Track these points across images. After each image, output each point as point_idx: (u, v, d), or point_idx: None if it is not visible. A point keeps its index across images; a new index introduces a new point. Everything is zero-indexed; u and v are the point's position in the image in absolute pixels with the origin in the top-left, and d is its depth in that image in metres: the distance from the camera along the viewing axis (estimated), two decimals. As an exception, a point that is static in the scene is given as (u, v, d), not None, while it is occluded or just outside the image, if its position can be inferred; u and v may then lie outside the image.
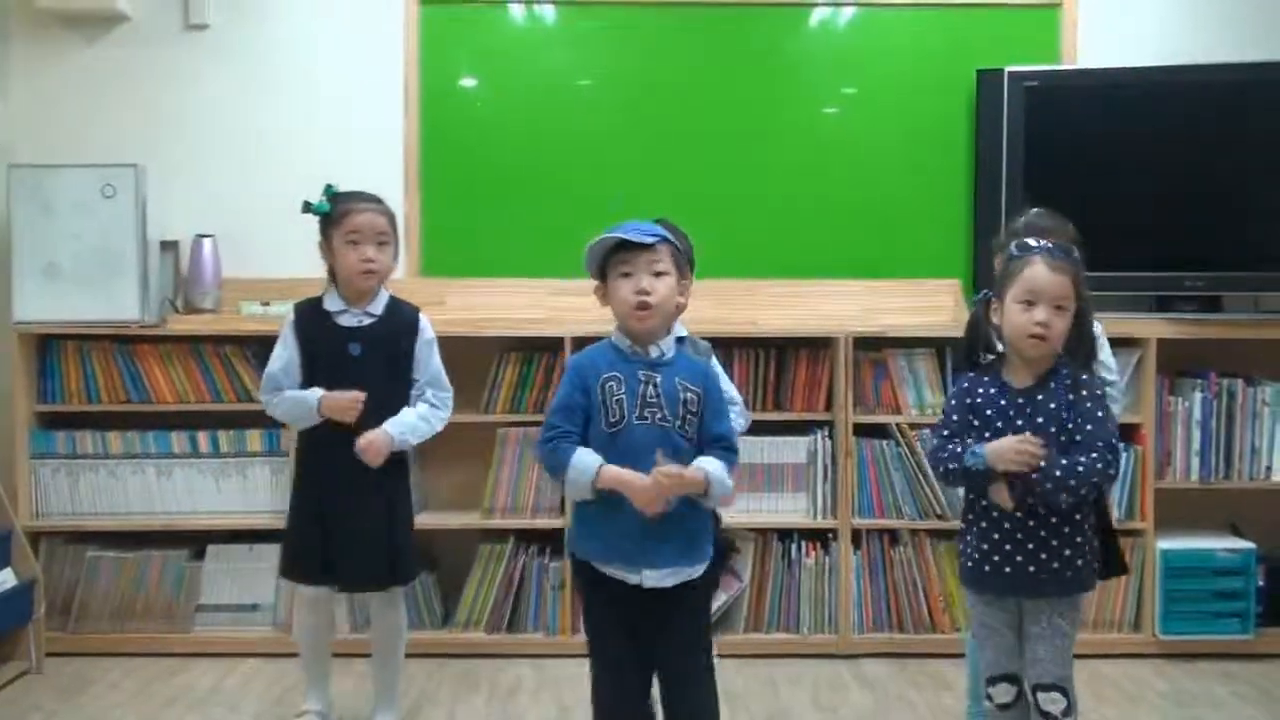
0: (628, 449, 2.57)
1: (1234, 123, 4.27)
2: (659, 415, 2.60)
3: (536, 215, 4.41)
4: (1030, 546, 2.67)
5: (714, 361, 3.21)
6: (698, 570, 2.67)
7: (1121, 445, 2.72)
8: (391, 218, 3.30)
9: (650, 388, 2.61)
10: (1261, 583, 4.13)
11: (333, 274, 3.28)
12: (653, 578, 2.60)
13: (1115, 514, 3.85)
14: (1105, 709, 3.60)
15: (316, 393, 3.18)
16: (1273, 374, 4.20)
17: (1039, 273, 2.64)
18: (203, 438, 4.14)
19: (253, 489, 4.13)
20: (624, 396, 2.60)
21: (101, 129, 4.38)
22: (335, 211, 3.23)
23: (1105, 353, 3.14)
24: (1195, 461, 4.16)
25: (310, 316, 3.26)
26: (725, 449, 2.66)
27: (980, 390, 2.75)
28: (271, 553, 4.10)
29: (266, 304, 4.20)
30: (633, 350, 2.65)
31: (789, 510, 4.16)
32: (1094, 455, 2.61)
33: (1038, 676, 2.71)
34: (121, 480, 4.13)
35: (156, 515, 4.13)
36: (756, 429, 4.03)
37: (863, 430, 4.14)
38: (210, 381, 4.14)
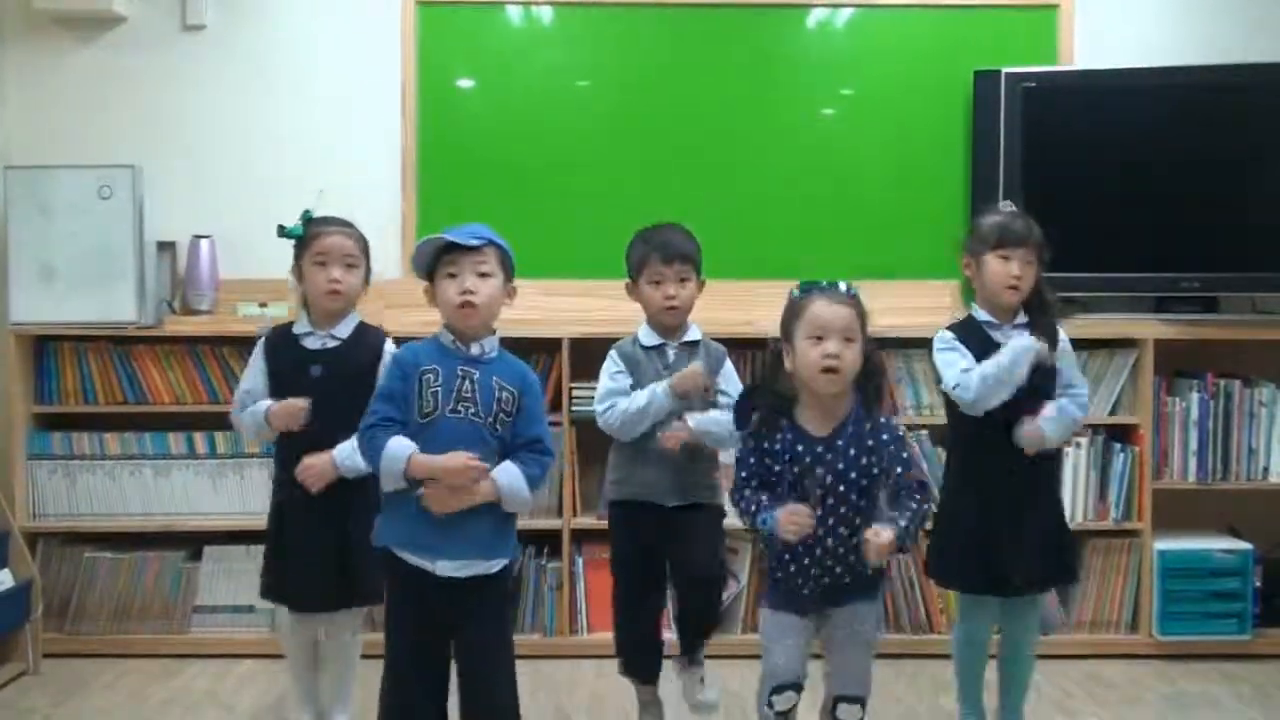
0: (436, 440, 2.63)
1: (1231, 124, 4.28)
2: (471, 410, 2.67)
3: (533, 216, 4.41)
4: (828, 562, 2.72)
5: (728, 365, 3.29)
6: (495, 565, 2.70)
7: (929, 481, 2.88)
8: (362, 242, 3.31)
9: (467, 383, 2.68)
10: (1259, 583, 4.13)
11: (305, 299, 3.30)
12: (447, 568, 2.64)
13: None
14: (1103, 710, 3.61)
15: (265, 404, 3.19)
16: (1270, 375, 4.20)
17: (822, 308, 2.70)
18: (200, 439, 4.14)
19: (250, 490, 4.13)
20: (439, 388, 2.67)
21: (98, 130, 4.38)
22: (306, 235, 3.26)
23: (1068, 359, 3.18)
24: (1192, 462, 4.16)
25: (279, 339, 3.29)
26: (536, 452, 2.72)
27: (777, 439, 2.75)
28: (268, 554, 4.12)
29: (264, 305, 4.21)
30: (454, 345, 2.72)
31: (786, 511, 4.16)
32: (917, 499, 2.69)
33: (842, 687, 2.77)
34: (118, 481, 4.13)
35: (153, 516, 4.14)
36: (753, 430, 4.04)
37: (860, 431, 4.14)
38: (207, 383, 4.14)
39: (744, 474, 2.78)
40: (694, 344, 3.30)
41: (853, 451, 2.70)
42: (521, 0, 4.44)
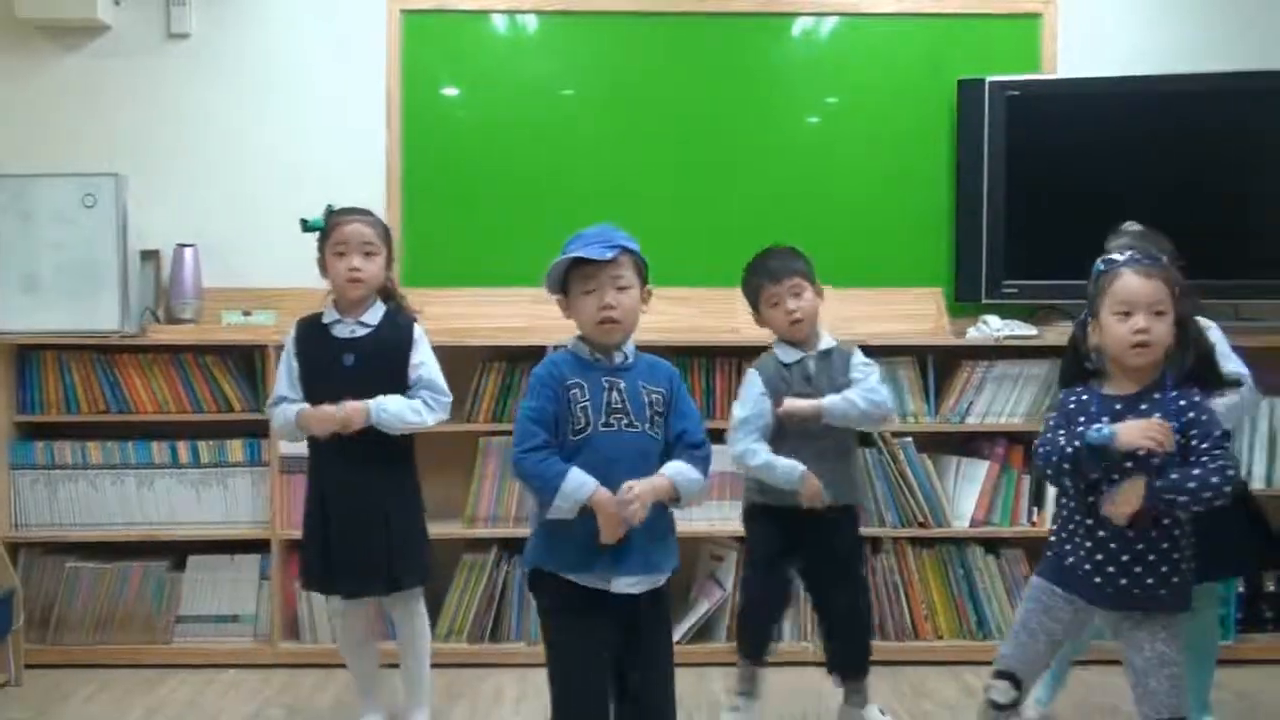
0: (592, 457, 2.56)
1: (1213, 131, 4.30)
2: (625, 421, 2.58)
3: (518, 224, 4.41)
4: (1125, 558, 2.59)
5: (857, 354, 3.39)
6: (663, 577, 2.64)
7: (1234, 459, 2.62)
8: (382, 229, 3.33)
9: (614, 394, 2.60)
10: (1241, 589, 4.15)
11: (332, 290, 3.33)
12: (623, 584, 2.56)
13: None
14: (1088, 716, 3.61)
15: (296, 407, 3.21)
16: (1255, 382, 4.21)
17: (1130, 281, 2.61)
18: (183, 448, 4.12)
19: (234, 499, 4.11)
20: (588, 404, 2.58)
21: (82, 138, 4.37)
22: (326, 226, 3.29)
23: (1228, 355, 3.17)
24: (1176, 469, 4.16)
25: (308, 330, 3.31)
26: (690, 446, 2.64)
27: (1073, 401, 2.69)
28: (252, 563, 4.11)
29: (248, 314, 4.20)
30: (594, 357, 2.64)
31: (771, 519, 4.16)
32: (1212, 468, 2.51)
33: (1155, 712, 2.61)
34: (101, 491, 4.11)
35: (137, 526, 4.12)
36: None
37: (844, 438, 4.14)
38: (191, 392, 4.12)
39: (1053, 428, 2.66)
40: (828, 353, 3.37)
41: (1156, 416, 2.55)
42: (506, 9, 4.45)
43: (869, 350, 4.17)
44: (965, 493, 4.16)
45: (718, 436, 3.97)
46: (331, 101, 4.44)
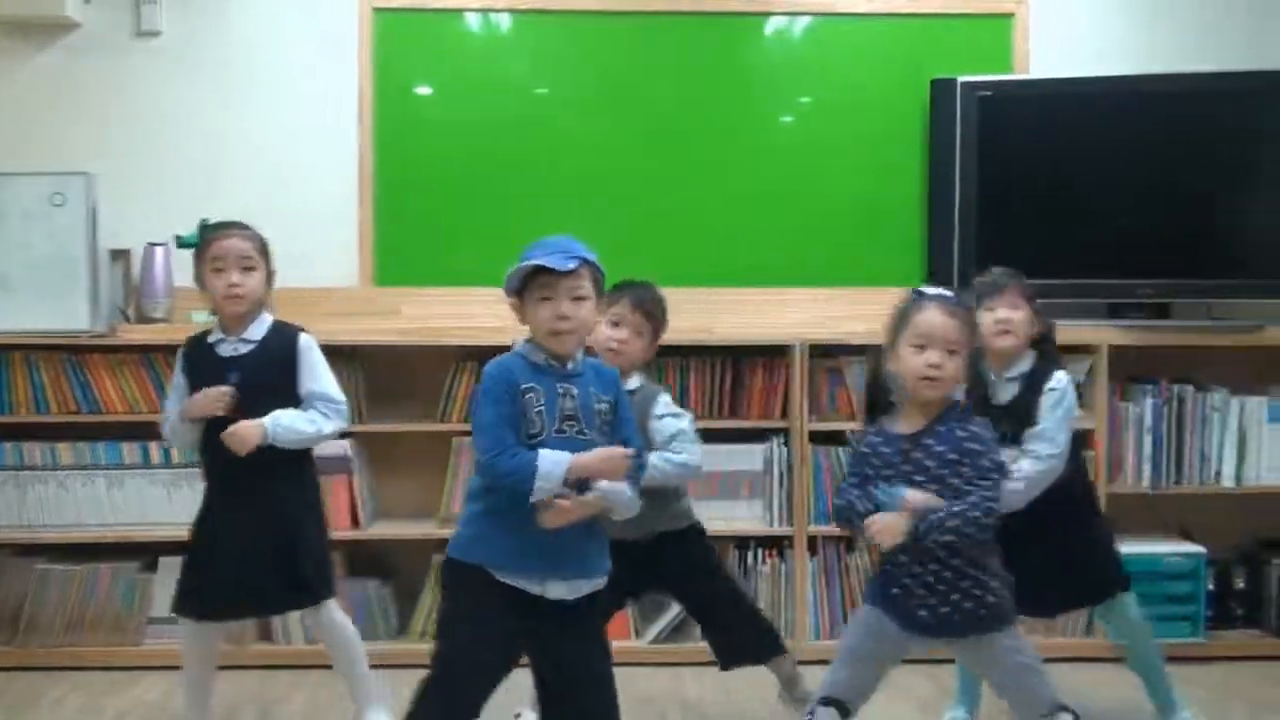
0: None
1: (1184, 132, 4.33)
2: (576, 428, 2.58)
3: (492, 224, 4.40)
4: (941, 588, 2.67)
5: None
6: (600, 583, 2.64)
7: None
8: (260, 243, 3.26)
9: (568, 400, 2.59)
10: (1211, 586, 4.19)
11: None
12: (559, 590, 2.56)
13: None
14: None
15: (177, 408, 3.20)
16: (1222, 380, 4.25)
17: (931, 317, 2.68)
18: (154, 449, 4.10)
19: (205, 500, 4.09)
20: (543, 409, 2.56)
21: (51, 136, 4.34)
22: (201, 241, 3.24)
23: (1049, 420, 3.17)
24: (1146, 467, 4.20)
25: (194, 349, 3.26)
26: (635, 458, 2.63)
27: (866, 446, 2.76)
28: (224, 564, 4.08)
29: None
30: (547, 363, 2.62)
31: (745, 518, 4.17)
32: (973, 502, 2.60)
33: (1038, 710, 2.72)
34: (71, 491, 4.08)
35: (107, 527, 4.09)
36: (712, 437, 4.04)
37: (818, 438, 4.16)
38: (162, 392, 4.06)
39: (847, 477, 2.78)
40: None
41: (940, 448, 2.65)
42: (480, 8, 4.43)
43: (842, 350, 4.21)
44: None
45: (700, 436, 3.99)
46: (303, 100, 4.42)
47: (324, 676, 3.83)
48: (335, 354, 3.83)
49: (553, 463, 2.49)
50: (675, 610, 4.09)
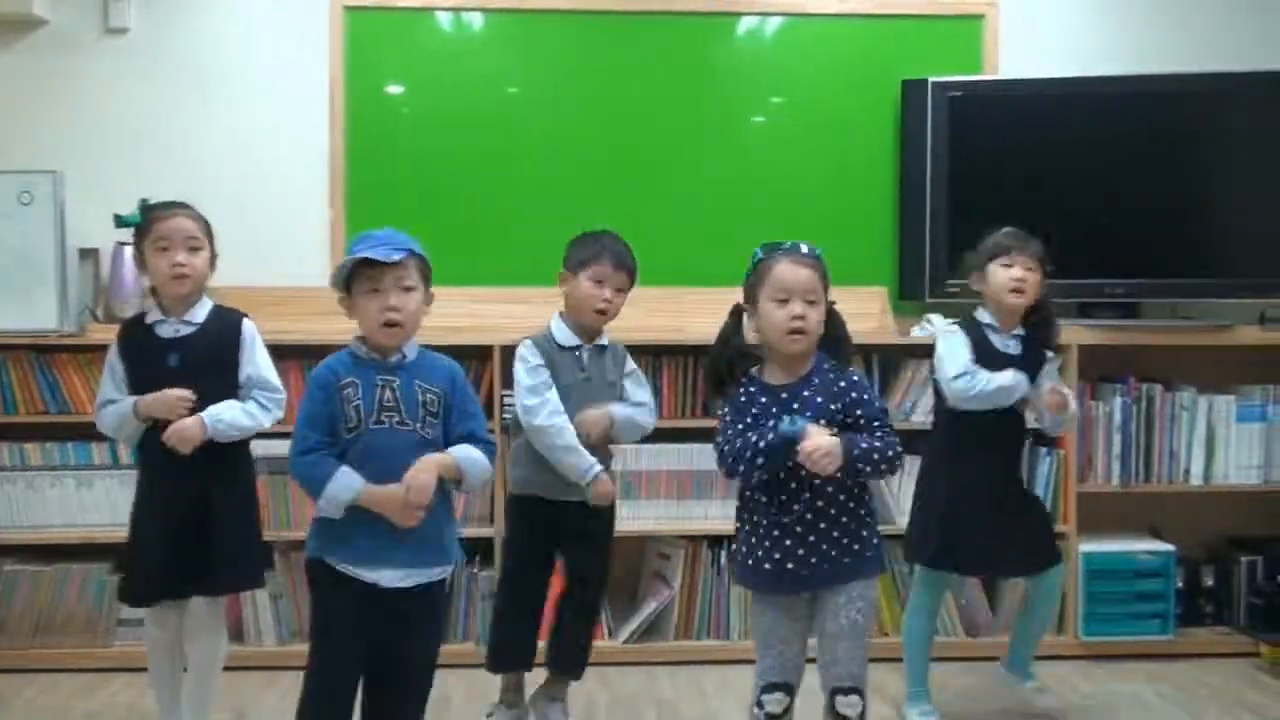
0: (365, 454, 2.61)
1: (1153, 132, 4.36)
2: (396, 419, 2.63)
3: (463, 223, 4.40)
4: (812, 538, 2.69)
5: (630, 363, 3.42)
6: (438, 573, 2.70)
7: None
8: (203, 223, 3.21)
9: (388, 391, 2.64)
10: (1180, 584, 4.22)
11: (154, 288, 3.21)
12: (393, 579, 2.63)
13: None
14: (1029, 710, 3.64)
15: (131, 399, 3.10)
16: (1190, 379, 4.28)
17: (786, 269, 2.73)
18: (123, 449, 4.06)
19: (175, 500, 4.06)
20: (360, 401, 2.62)
21: (18, 135, 4.31)
22: (145, 221, 3.17)
23: (944, 358, 3.40)
24: (1116, 465, 4.23)
25: (132, 332, 3.19)
26: (485, 441, 2.71)
27: (743, 395, 2.77)
28: (195, 565, 4.06)
29: (189, 312, 4.14)
30: (369, 356, 2.67)
31: (718, 517, 4.16)
32: (883, 434, 2.68)
33: (837, 680, 2.73)
34: (40, 492, 4.05)
35: (76, 528, 4.06)
36: (684, 436, 4.06)
37: (790, 437, 4.16)
38: (132, 391, 4.06)
39: (731, 423, 2.75)
40: (604, 348, 3.37)
41: (819, 399, 2.69)
42: (451, 6, 4.42)
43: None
44: (910, 489, 4.17)
45: (664, 436, 4.00)
46: (274, 98, 4.41)
47: (296, 677, 3.80)
48: (305, 354, 3.83)
49: (342, 487, 2.58)
50: (650, 609, 4.09)
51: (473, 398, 2.79)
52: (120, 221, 3.20)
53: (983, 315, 3.45)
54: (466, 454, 2.66)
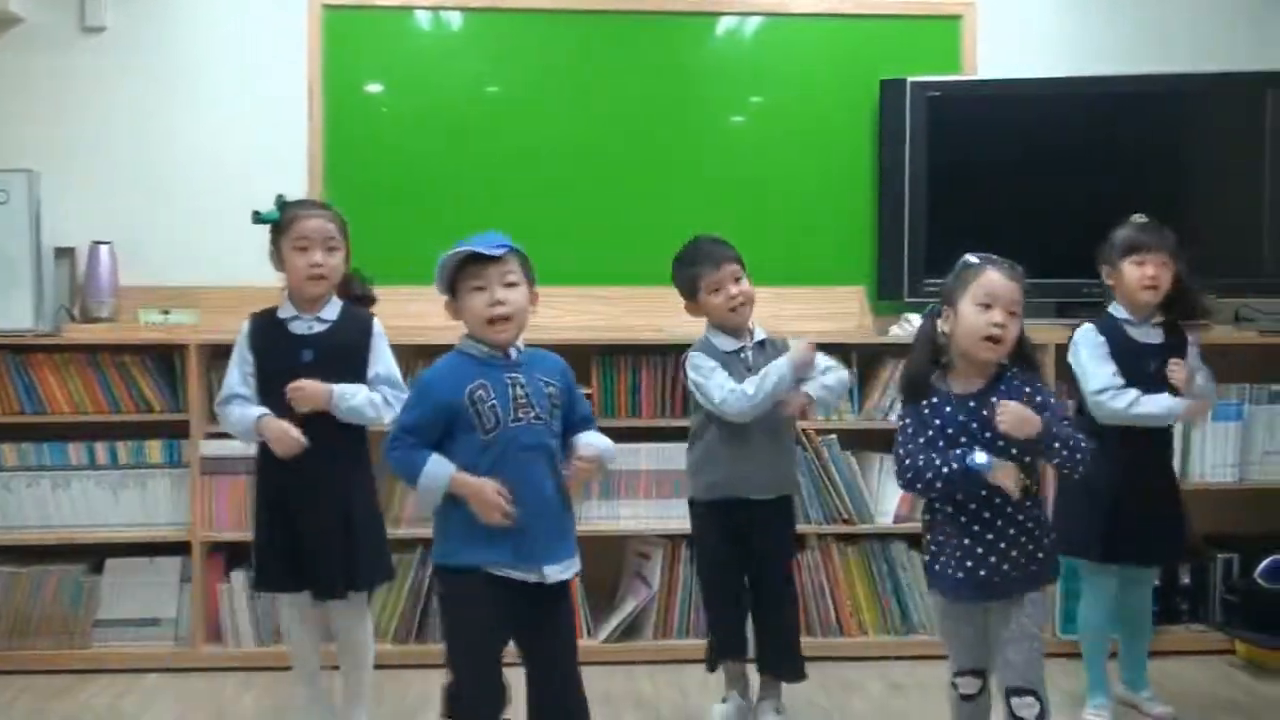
0: (505, 453, 2.61)
1: (1129, 132, 4.39)
2: (532, 415, 2.64)
3: (442, 222, 4.38)
4: (1002, 546, 2.73)
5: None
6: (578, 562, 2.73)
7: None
8: (342, 223, 3.27)
9: (518, 388, 2.65)
10: (1157, 582, 4.22)
11: (288, 284, 3.26)
12: (554, 572, 2.64)
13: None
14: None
15: (258, 411, 3.14)
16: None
17: (995, 278, 2.73)
18: (100, 449, 4.05)
19: (152, 501, 4.05)
20: (495, 402, 2.61)
21: (-7, 133, 4.28)
22: (284, 219, 3.21)
23: (1085, 370, 3.46)
24: (1093, 464, 4.24)
25: (263, 326, 3.24)
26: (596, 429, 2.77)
27: (927, 406, 2.78)
28: (172, 566, 4.04)
29: (166, 312, 4.13)
30: (490, 355, 2.67)
31: (697, 516, 4.17)
32: (1080, 437, 2.70)
33: (1010, 680, 2.75)
34: (15, 493, 4.02)
35: (52, 529, 4.04)
36: (665, 435, 4.06)
37: (770, 436, 4.17)
38: (108, 392, 4.05)
39: (921, 440, 2.76)
40: (763, 343, 3.43)
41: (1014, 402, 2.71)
42: (430, 5, 4.42)
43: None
44: (889, 489, 4.19)
45: (643, 435, 4.00)
46: (251, 97, 4.39)
47: (274, 678, 3.81)
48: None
49: (435, 474, 2.60)
50: (630, 608, 4.09)
51: (578, 389, 2.83)
52: (258, 218, 3.24)
53: (1117, 310, 3.48)
54: (604, 446, 2.73)
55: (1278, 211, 4.32)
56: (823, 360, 3.40)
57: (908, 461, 2.74)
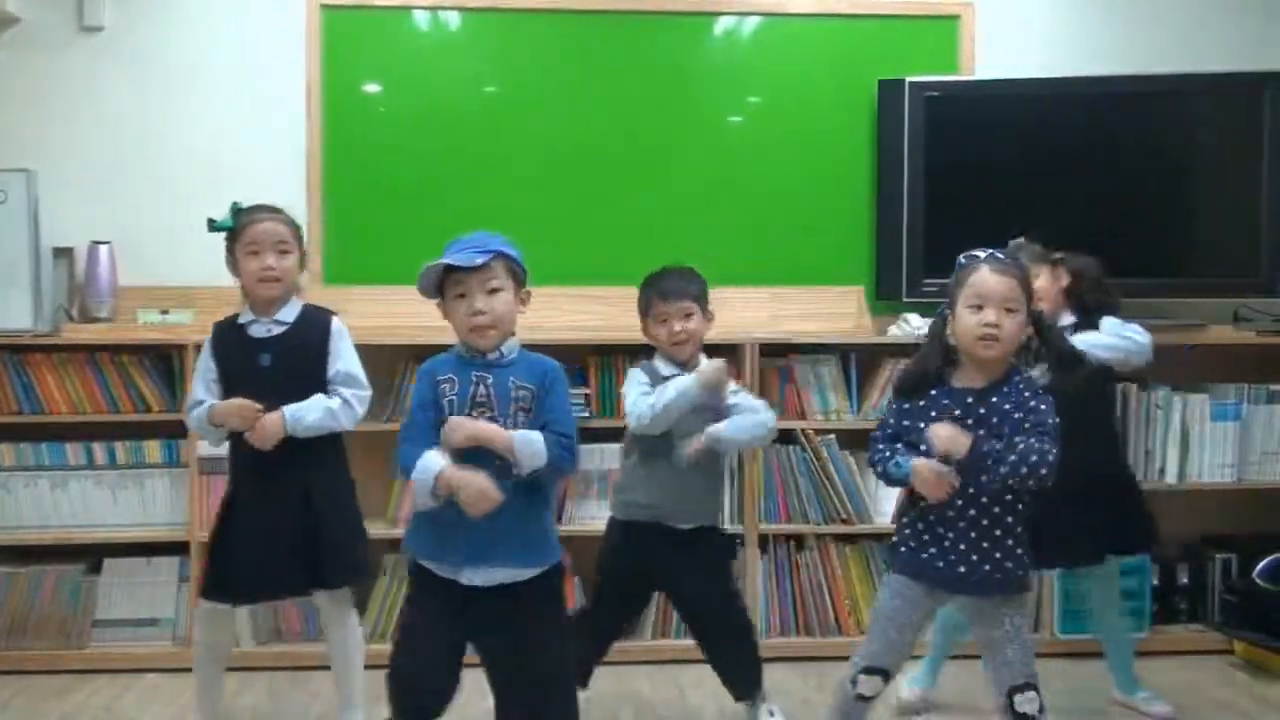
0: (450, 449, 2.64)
1: (1128, 133, 4.38)
2: (488, 414, 2.65)
3: (440, 222, 4.36)
4: (962, 548, 2.74)
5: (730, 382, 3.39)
6: (527, 573, 2.68)
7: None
8: (294, 226, 3.29)
9: (481, 387, 2.67)
10: (1155, 582, 4.24)
11: (245, 290, 3.28)
12: (473, 577, 2.64)
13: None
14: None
15: (208, 403, 3.18)
16: (1165, 378, 4.30)
17: (984, 276, 2.73)
18: (99, 449, 4.05)
19: (151, 501, 4.05)
20: (454, 397, 2.66)
21: (-9, 133, 4.28)
22: (237, 225, 3.24)
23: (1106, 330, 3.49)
24: (1091, 464, 4.24)
25: (224, 332, 3.27)
26: (557, 434, 2.66)
27: (925, 398, 2.80)
28: (170, 566, 4.05)
29: (165, 312, 4.13)
30: (469, 355, 2.72)
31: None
32: (1035, 447, 2.64)
33: (1011, 679, 2.75)
34: (13, 493, 4.03)
35: (51, 529, 4.04)
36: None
37: (768, 436, 4.17)
38: (107, 392, 4.05)
39: (884, 430, 2.84)
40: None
41: (1007, 406, 2.71)
42: (429, 5, 4.42)
43: (791, 349, 4.23)
44: (888, 489, 4.19)
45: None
46: (250, 97, 4.39)
47: (271, 678, 3.81)
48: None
49: (423, 469, 2.59)
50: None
51: (563, 396, 2.76)
52: (213, 225, 3.27)
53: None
54: (524, 435, 2.65)
55: (1276, 212, 4.31)
56: (746, 399, 3.38)
57: (872, 447, 2.84)
